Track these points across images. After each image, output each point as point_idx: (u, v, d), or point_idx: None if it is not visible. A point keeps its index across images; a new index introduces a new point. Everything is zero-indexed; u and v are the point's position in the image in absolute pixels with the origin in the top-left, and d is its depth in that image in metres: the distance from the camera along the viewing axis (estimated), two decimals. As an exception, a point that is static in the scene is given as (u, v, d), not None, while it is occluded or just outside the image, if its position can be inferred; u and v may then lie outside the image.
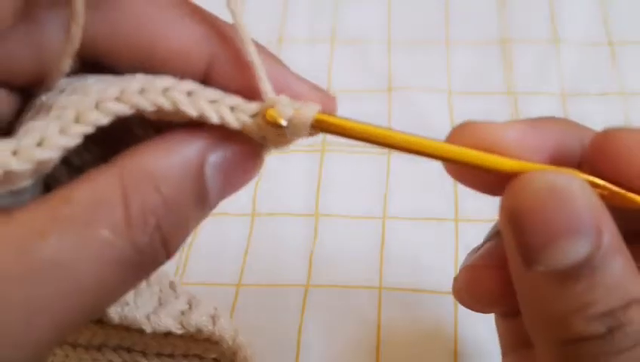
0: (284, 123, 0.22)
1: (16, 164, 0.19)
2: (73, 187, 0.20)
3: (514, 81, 0.54)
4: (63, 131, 0.20)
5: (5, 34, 0.21)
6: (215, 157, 0.22)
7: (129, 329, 0.30)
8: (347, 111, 0.58)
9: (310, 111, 0.22)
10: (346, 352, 0.40)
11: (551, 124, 0.24)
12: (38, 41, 0.21)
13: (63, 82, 0.22)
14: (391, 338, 0.41)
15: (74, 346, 0.31)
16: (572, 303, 0.21)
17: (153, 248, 0.20)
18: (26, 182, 0.20)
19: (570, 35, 0.56)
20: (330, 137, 0.25)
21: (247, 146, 0.23)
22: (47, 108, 0.21)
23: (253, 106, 0.22)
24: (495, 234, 0.29)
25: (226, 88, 0.22)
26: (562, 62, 0.55)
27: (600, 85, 0.53)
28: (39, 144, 0.19)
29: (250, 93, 0.22)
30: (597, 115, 0.51)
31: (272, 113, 0.22)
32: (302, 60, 0.56)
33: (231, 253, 0.44)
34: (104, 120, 0.20)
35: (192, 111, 0.21)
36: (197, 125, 0.22)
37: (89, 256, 0.19)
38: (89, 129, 0.20)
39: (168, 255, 0.21)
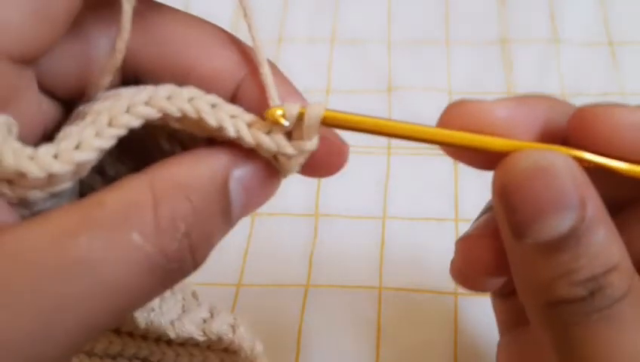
0: (285, 123, 0.23)
1: (57, 167, 0.20)
2: (106, 192, 0.20)
3: (514, 81, 0.54)
4: (98, 134, 0.21)
5: (55, 47, 0.22)
6: (239, 173, 0.23)
7: (146, 339, 0.31)
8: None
9: (318, 109, 0.24)
10: (346, 352, 0.40)
11: (538, 100, 0.26)
12: (84, 55, 0.23)
13: (99, 94, 0.24)
14: (391, 338, 0.41)
15: (89, 355, 0.31)
16: (557, 271, 0.22)
17: (181, 255, 0.21)
18: (66, 185, 0.21)
19: (570, 35, 0.56)
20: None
21: (266, 166, 0.24)
22: (82, 115, 0.22)
23: (267, 124, 0.23)
24: (489, 208, 0.30)
25: (249, 109, 0.24)
26: (562, 62, 0.55)
27: (600, 85, 0.53)
28: (77, 147, 0.21)
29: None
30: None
31: (272, 112, 0.23)
32: (302, 60, 0.56)
33: (231, 253, 0.44)
34: (135, 122, 0.22)
35: (212, 122, 0.22)
36: (221, 143, 0.23)
37: (117, 259, 0.19)
38: (122, 131, 0.21)
39: (195, 264, 0.22)
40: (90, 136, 0.21)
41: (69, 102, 0.24)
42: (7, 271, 0.18)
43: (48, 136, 0.24)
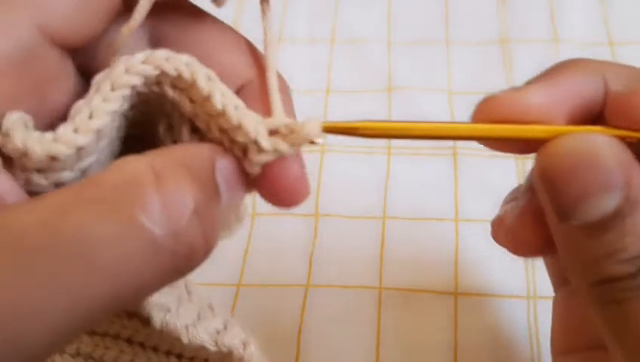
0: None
1: (81, 139, 0.22)
2: (103, 172, 0.20)
3: (514, 81, 0.54)
4: (105, 99, 0.22)
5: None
6: (221, 164, 0.23)
7: (157, 351, 0.32)
8: (347, 111, 0.58)
9: (315, 126, 0.24)
10: (346, 352, 0.40)
11: (569, 74, 0.26)
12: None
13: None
14: (391, 338, 0.41)
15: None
16: (604, 250, 0.23)
17: (192, 237, 0.20)
18: (92, 157, 0.22)
19: (570, 35, 0.56)
20: (329, 137, 0.26)
21: (240, 164, 0.24)
22: (90, 88, 0.24)
23: (253, 114, 0.24)
24: (527, 190, 0.29)
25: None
26: (562, 62, 0.55)
27: (600, 85, 0.53)
28: (91, 116, 0.22)
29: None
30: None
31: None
32: (302, 60, 0.56)
33: (231, 253, 0.44)
34: (136, 80, 0.23)
35: (204, 87, 0.23)
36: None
37: (116, 239, 0.18)
38: (126, 91, 0.23)
39: (207, 249, 0.21)
40: (99, 102, 0.22)
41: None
42: (4, 249, 0.18)
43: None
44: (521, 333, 0.40)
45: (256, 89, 0.25)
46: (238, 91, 0.25)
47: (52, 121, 0.23)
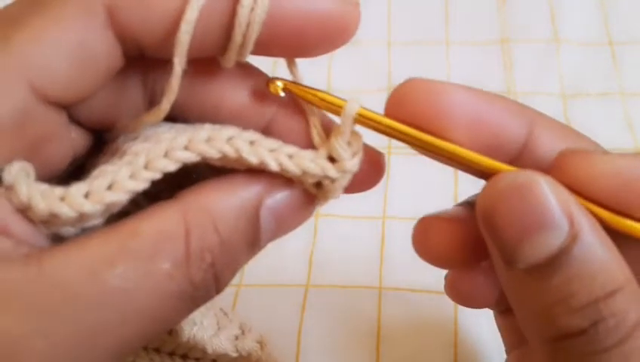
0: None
1: (88, 207, 0.21)
2: (141, 220, 0.21)
3: (514, 81, 0.54)
4: (132, 176, 0.21)
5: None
6: (271, 201, 0.23)
7: (186, 359, 0.33)
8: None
9: (354, 106, 0.26)
10: (346, 352, 0.40)
11: (501, 101, 0.25)
12: (117, 97, 0.24)
13: (139, 132, 0.24)
14: (391, 337, 0.41)
15: None
16: (554, 296, 0.21)
17: (206, 283, 0.22)
18: (97, 221, 0.21)
19: (570, 35, 0.56)
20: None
21: (301, 193, 0.24)
22: (120, 154, 0.23)
23: (308, 153, 0.24)
24: (462, 203, 0.29)
25: (284, 139, 0.24)
26: (562, 62, 0.55)
27: (600, 85, 0.53)
28: (109, 187, 0.21)
29: (305, 144, 0.25)
30: (597, 115, 0.51)
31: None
32: (301, 60, 0.56)
33: (231, 253, 0.44)
34: (172, 167, 0.22)
35: (253, 159, 0.23)
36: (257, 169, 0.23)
37: (151, 287, 0.20)
38: (157, 175, 0.22)
39: (218, 290, 0.23)
40: (125, 177, 0.21)
41: (98, 133, 0.25)
42: (48, 299, 0.19)
43: (78, 161, 0.24)
44: (521, 333, 0.40)
45: (288, 121, 0.25)
46: (268, 126, 0.25)
47: (51, 173, 0.23)
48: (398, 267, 0.44)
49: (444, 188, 0.47)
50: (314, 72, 0.55)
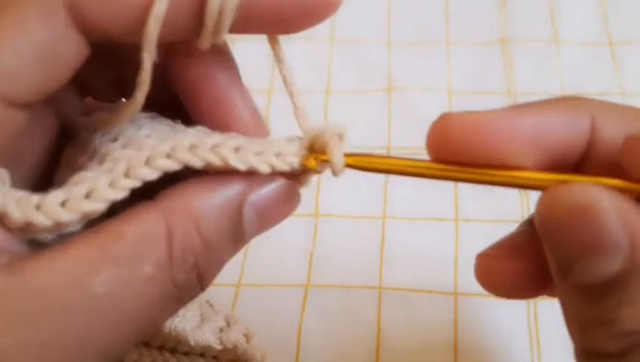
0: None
1: (64, 215, 0.20)
2: (122, 223, 0.21)
3: (514, 81, 0.54)
4: (112, 185, 0.21)
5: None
6: (255, 197, 0.23)
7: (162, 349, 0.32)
8: (347, 111, 0.58)
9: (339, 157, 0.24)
10: (346, 352, 0.40)
11: (547, 108, 0.24)
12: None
13: (119, 130, 0.24)
14: (391, 338, 0.41)
15: None
16: (601, 316, 0.21)
17: (190, 284, 0.22)
18: (75, 228, 0.21)
19: (570, 35, 0.56)
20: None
21: (285, 185, 0.24)
22: (100, 158, 0.22)
23: (295, 146, 0.24)
24: (523, 223, 0.28)
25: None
26: (562, 62, 0.55)
27: (600, 85, 0.53)
28: (87, 195, 0.20)
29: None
30: (597, 115, 0.51)
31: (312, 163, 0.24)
32: (302, 60, 0.56)
33: (231, 253, 0.44)
34: (153, 175, 0.21)
35: (241, 166, 0.22)
36: None
37: (135, 290, 0.20)
38: (137, 183, 0.21)
39: (202, 288, 0.23)
40: (103, 185, 0.21)
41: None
42: (34, 308, 0.18)
43: (52, 148, 0.24)
44: (521, 333, 0.40)
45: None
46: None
47: (29, 172, 0.23)
48: (398, 267, 0.44)
49: (445, 188, 0.47)
50: (314, 72, 0.55)
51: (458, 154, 0.23)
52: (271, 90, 0.53)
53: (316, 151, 0.24)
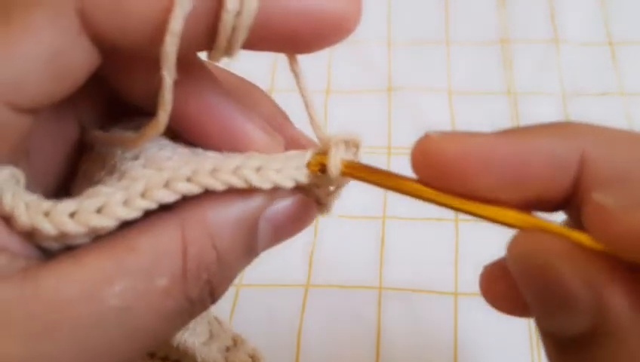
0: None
1: (71, 227, 0.20)
2: (138, 234, 0.20)
3: (514, 81, 0.54)
4: (126, 203, 0.20)
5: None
6: (271, 212, 0.23)
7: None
8: (347, 111, 0.57)
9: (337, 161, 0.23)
10: (346, 352, 0.40)
11: (531, 138, 0.21)
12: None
13: (141, 150, 0.23)
14: (391, 338, 0.41)
15: None
16: None
17: (202, 298, 0.22)
18: (82, 241, 0.20)
19: (570, 35, 0.56)
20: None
21: (301, 201, 0.24)
22: (119, 175, 0.22)
23: (308, 155, 0.23)
24: None
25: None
26: (562, 62, 0.55)
27: (600, 85, 0.53)
28: (98, 211, 0.20)
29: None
30: (597, 115, 0.51)
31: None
32: (301, 60, 0.56)
33: (231, 253, 0.44)
34: (171, 198, 0.21)
35: (266, 185, 0.22)
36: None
37: (149, 304, 0.20)
38: (152, 205, 0.21)
39: (213, 302, 0.23)
40: (117, 203, 0.20)
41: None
42: (48, 320, 0.18)
43: (71, 160, 0.24)
44: (522, 333, 0.40)
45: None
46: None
47: (45, 179, 0.22)
48: (398, 267, 0.44)
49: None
50: (314, 72, 0.55)
51: (437, 180, 0.22)
52: (272, 91, 0.53)
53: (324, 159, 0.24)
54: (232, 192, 0.22)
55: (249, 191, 0.22)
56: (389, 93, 0.53)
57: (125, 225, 0.21)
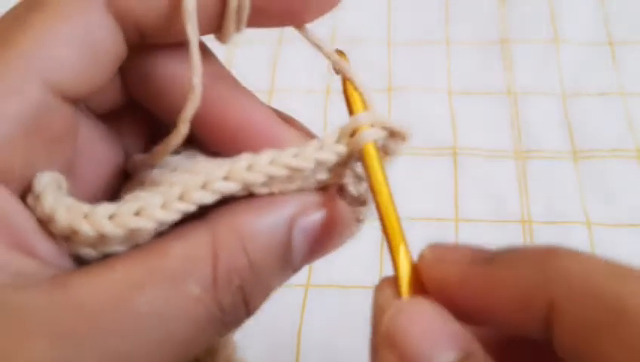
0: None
1: (109, 228, 0.20)
2: (169, 242, 0.20)
3: (514, 81, 0.54)
4: (164, 206, 0.20)
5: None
6: (305, 222, 0.22)
7: None
8: (347, 111, 0.57)
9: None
10: (346, 352, 0.40)
11: (506, 270, 0.20)
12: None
13: (172, 160, 0.23)
14: (391, 338, 0.41)
15: None
16: None
17: (235, 307, 0.21)
18: (119, 248, 0.20)
19: (570, 35, 0.56)
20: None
21: (339, 213, 0.23)
22: (157, 183, 0.22)
23: (348, 126, 0.23)
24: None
25: None
26: (562, 62, 0.55)
27: (600, 85, 0.53)
28: (137, 213, 0.20)
29: None
30: (597, 115, 0.51)
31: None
32: (302, 60, 0.56)
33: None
34: (209, 198, 0.21)
35: (308, 165, 0.22)
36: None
37: (180, 311, 0.20)
38: (191, 207, 0.20)
39: (248, 314, 0.22)
40: (155, 205, 0.20)
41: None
42: (78, 326, 0.18)
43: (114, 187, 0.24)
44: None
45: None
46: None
47: (83, 199, 0.22)
48: (398, 267, 0.44)
49: (444, 188, 0.47)
50: (314, 72, 0.55)
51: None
52: (272, 92, 0.53)
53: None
54: (265, 199, 0.22)
55: (282, 198, 0.22)
56: (389, 93, 0.53)
57: (160, 237, 0.21)
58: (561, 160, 0.49)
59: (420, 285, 0.22)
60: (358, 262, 0.44)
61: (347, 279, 0.43)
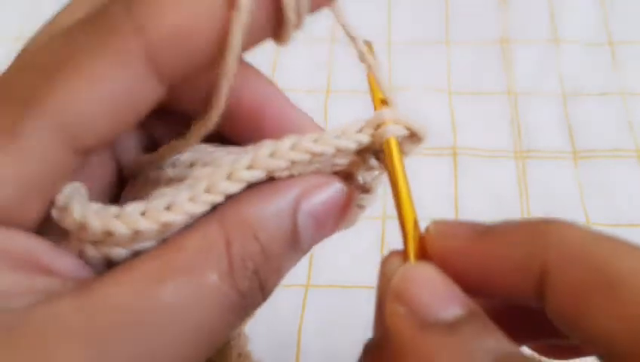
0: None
1: (144, 224, 0.20)
2: (184, 236, 0.21)
3: (514, 81, 0.54)
4: (192, 199, 0.21)
5: None
6: (308, 206, 0.23)
7: None
8: (347, 111, 0.58)
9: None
10: (346, 352, 0.40)
11: (502, 239, 0.22)
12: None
13: (181, 157, 0.24)
14: (391, 338, 0.41)
15: None
16: None
17: (252, 291, 0.22)
18: (150, 243, 0.21)
19: (570, 35, 0.56)
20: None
21: (340, 193, 0.24)
22: (179, 180, 0.23)
23: (373, 120, 0.24)
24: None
25: None
26: (562, 62, 0.55)
27: (600, 85, 0.53)
28: (168, 208, 0.21)
29: None
30: (597, 115, 0.51)
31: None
32: (302, 60, 0.56)
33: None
34: (235, 188, 0.21)
35: (329, 150, 0.22)
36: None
37: (203, 300, 0.20)
38: (219, 198, 0.21)
39: (264, 297, 0.23)
40: (184, 199, 0.21)
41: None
42: (104, 324, 0.19)
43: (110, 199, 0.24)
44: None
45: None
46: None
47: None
48: (398, 267, 0.44)
49: (444, 188, 0.47)
50: (314, 72, 0.55)
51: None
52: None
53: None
54: (268, 188, 0.22)
55: (285, 183, 0.22)
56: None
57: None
58: (561, 160, 0.49)
59: (425, 258, 0.23)
60: (358, 262, 0.44)
61: (347, 279, 0.43)
